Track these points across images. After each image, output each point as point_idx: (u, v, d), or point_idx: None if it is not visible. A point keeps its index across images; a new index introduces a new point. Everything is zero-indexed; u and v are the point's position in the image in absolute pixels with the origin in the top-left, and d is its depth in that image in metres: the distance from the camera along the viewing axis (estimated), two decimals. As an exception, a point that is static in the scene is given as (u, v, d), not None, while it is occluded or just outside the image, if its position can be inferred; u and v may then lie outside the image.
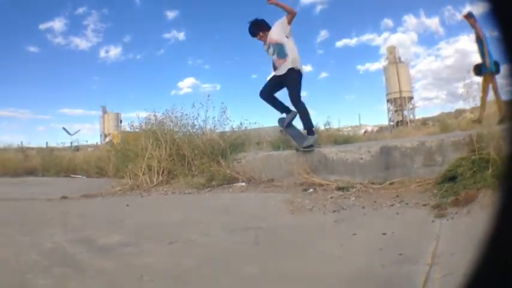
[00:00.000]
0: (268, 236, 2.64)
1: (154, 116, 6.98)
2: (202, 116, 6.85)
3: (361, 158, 4.30)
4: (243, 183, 4.98)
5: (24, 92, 54.55)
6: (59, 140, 47.63)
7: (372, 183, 3.91)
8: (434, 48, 67.54)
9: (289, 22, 4.96)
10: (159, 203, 4.60)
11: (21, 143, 21.20)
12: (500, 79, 5.89)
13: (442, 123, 14.03)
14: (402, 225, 2.55)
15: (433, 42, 62.27)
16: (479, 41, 6.38)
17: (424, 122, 36.96)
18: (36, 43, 53.85)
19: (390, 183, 3.80)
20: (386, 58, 46.88)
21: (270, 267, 2.04)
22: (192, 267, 2.15)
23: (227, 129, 6.95)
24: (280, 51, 4.97)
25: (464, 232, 2.16)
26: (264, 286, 1.83)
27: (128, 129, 8.70)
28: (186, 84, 59.81)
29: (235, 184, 5.00)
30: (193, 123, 6.86)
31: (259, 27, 5.14)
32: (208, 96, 6.84)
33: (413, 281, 1.58)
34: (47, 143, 24.77)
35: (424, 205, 2.99)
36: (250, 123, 7.67)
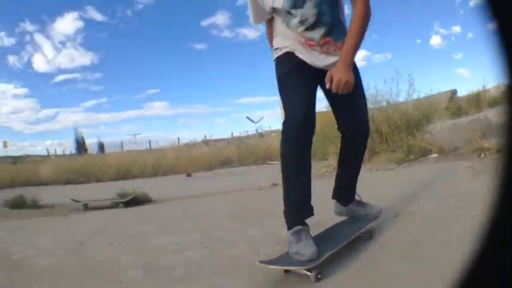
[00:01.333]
0: (462, 201, 3.14)
1: None
2: (394, 89, 7.27)
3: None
4: (435, 155, 5.40)
5: (198, 88, 61.43)
6: (241, 129, 51.40)
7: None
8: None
9: None
10: (370, 180, 4.82)
11: (205, 136, 23.17)
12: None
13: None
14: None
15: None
16: None
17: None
18: (202, 40, 59.83)
19: None
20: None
21: (470, 226, 2.62)
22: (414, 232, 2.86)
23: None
24: (342, 29, 2.56)
25: None
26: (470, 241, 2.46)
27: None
28: (359, 57, 57.78)
29: (429, 156, 5.44)
30: (387, 99, 7.29)
31: None
32: (396, 69, 7.27)
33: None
34: (232, 133, 27.42)
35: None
36: (427, 91, 8.14)
